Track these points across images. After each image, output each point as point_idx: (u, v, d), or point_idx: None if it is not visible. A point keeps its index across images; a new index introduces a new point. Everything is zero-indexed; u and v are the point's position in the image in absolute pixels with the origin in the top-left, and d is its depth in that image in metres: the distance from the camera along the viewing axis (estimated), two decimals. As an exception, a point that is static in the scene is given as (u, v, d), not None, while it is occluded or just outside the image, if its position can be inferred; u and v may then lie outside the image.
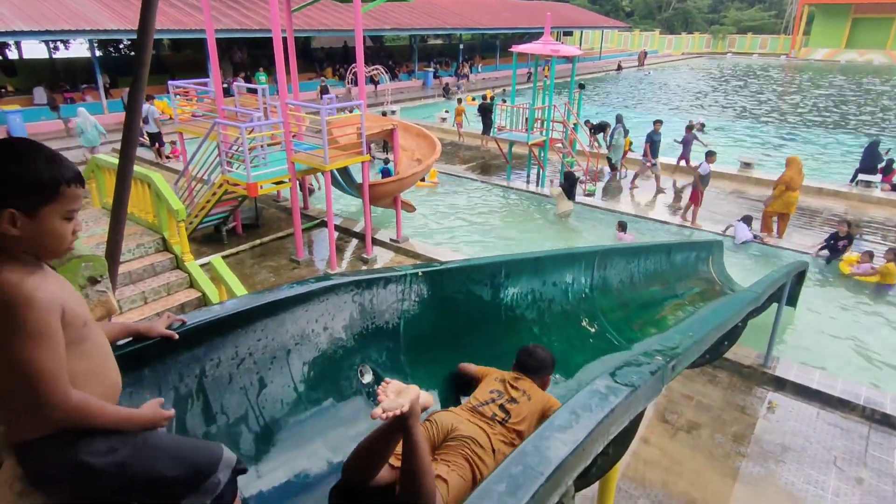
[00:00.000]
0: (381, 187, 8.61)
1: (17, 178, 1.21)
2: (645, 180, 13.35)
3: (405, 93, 26.83)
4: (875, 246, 9.44)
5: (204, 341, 1.78)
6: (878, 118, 22.75)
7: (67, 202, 1.28)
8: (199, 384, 1.77)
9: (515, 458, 1.15)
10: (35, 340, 1.17)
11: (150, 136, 13.97)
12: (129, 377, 1.54)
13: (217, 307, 1.90)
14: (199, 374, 1.77)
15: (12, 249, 1.23)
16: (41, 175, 1.24)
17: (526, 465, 1.12)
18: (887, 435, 5.07)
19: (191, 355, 1.75)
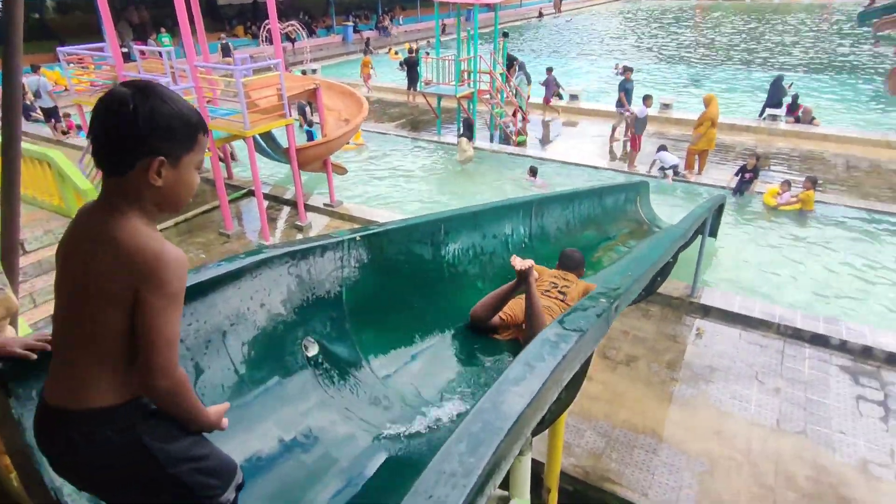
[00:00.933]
0: (309, 151, 8.26)
1: (170, 121, 1.14)
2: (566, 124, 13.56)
3: (324, 50, 25.61)
4: (783, 176, 10.14)
5: None
6: (781, 54, 24.06)
7: (201, 151, 1.24)
8: None
9: (474, 417, 1.14)
10: (178, 303, 1.17)
11: (43, 111, 12.64)
12: (39, 382, 1.39)
13: None
14: None
15: (146, 204, 1.16)
16: (191, 118, 1.18)
17: (485, 423, 1.12)
18: (798, 347, 5.59)
19: None
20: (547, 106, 14.19)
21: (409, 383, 2.22)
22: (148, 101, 1.12)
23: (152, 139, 1.13)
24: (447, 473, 0.97)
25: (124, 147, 1.12)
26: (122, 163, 1.13)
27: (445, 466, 0.99)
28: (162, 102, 1.13)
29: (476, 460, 1.01)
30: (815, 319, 5.80)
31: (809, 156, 11.47)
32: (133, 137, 1.11)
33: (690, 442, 4.50)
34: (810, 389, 5.00)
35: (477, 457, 1.01)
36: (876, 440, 4.44)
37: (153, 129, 1.12)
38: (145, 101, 1.12)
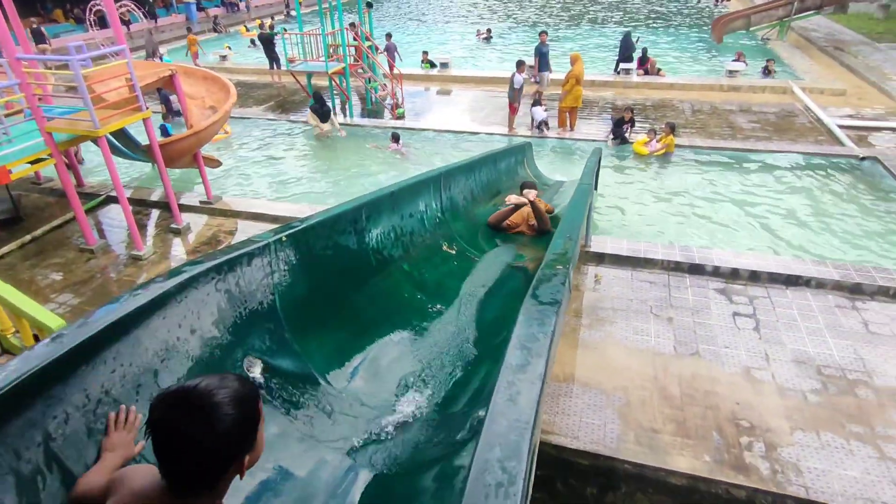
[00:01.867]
0: (176, 145, 7.45)
1: (254, 422, 1.14)
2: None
3: (167, 32, 23.10)
4: (642, 125, 11.08)
5: (36, 397, 1.34)
6: (623, 12, 26.02)
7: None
8: (47, 453, 1.34)
9: (495, 416, 1.09)
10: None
11: None
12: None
13: (42, 348, 1.43)
14: (42, 440, 1.34)
15: (224, 488, 1.14)
16: (252, 395, 1.14)
17: (510, 421, 1.07)
18: (681, 278, 6.22)
19: (23, 422, 1.31)
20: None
21: (365, 385, 2.11)
22: (233, 405, 1.05)
23: (249, 439, 1.10)
24: (493, 485, 0.91)
25: (224, 465, 1.08)
26: (216, 480, 1.09)
27: (489, 478, 0.94)
28: (230, 398, 1.05)
29: (517, 463, 0.96)
30: (690, 251, 6.48)
31: (660, 104, 12.63)
32: (233, 451, 1.07)
33: (606, 381, 4.86)
34: (696, 314, 5.60)
35: (517, 459, 0.97)
36: (753, 348, 5.11)
37: (250, 427, 1.10)
38: (230, 407, 1.04)
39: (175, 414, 1.01)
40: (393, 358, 2.34)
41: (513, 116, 11.10)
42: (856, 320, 5.38)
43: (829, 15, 20.32)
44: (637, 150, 9.85)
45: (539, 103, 10.85)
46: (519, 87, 10.71)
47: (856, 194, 8.36)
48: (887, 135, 10.20)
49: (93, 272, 6.91)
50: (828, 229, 7.49)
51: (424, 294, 2.84)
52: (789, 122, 11.22)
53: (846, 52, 15.70)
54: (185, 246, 7.52)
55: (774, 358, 4.95)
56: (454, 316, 2.77)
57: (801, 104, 12.04)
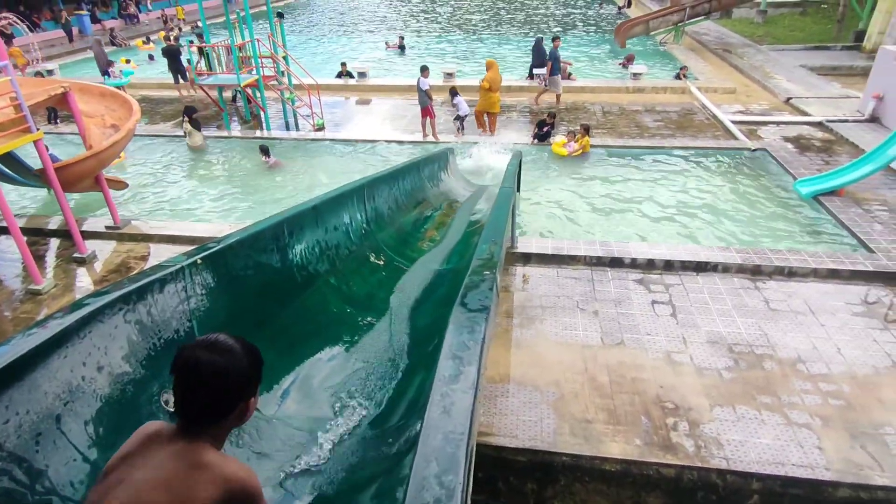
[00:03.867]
0: (74, 168, 6.88)
1: (259, 370, 1.37)
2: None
3: (58, 46, 21.41)
4: (558, 127, 11.55)
5: None
6: (532, 20, 27.03)
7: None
8: None
9: (429, 430, 1.07)
10: None
11: None
12: None
13: None
14: None
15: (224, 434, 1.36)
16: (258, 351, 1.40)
17: (445, 433, 1.06)
18: (603, 272, 6.52)
19: None
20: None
21: (297, 406, 2.03)
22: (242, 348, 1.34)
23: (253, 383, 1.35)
24: (432, 502, 0.90)
25: (240, 393, 1.33)
26: (226, 412, 1.32)
27: (427, 495, 0.92)
28: (256, 357, 1.36)
29: (454, 476, 0.95)
30: (609, 245, 6.81)
31: (574, 107, 13.22)
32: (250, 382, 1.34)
33: (539, 377, 4.99)
34: (619, 305, 5.88)
35: (454, 473, 0.96)
36: (671, 333, 5.43)
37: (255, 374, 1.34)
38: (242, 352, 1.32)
39: (202, 351, 1.29)
40: (325, 375, 2.27)
41: (432, 120, 11.20)
42: (758, 299, 5.86)
43: (716, 20, 22.20)
44: (556, 151, 10.23)
45: (458, 93, 11.18)
46: (426, 90, 10.82)
47: (750, 182, 9.13)
48: (772, 128, 11.24)
49: (-17, 312, 6.24)
50: (730, 216, 8.13)
51: (354, 307, 2.79)
52: (689, 119, 12.09)
53: (733, 54, 17.16)
54: (92, 276, 6.97)
55: (691, 341, 5.28)
56: (386, 327, 2.74)
57: (699, 102, 13.01)
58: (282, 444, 1.88)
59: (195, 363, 1.27)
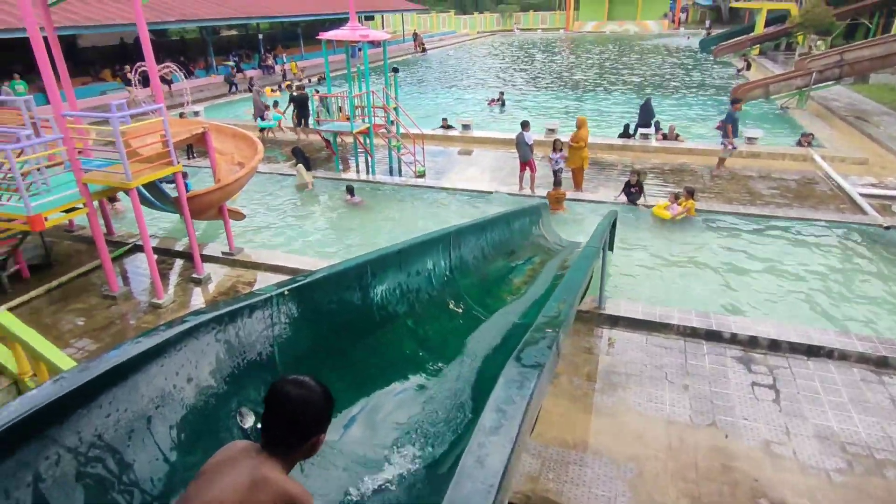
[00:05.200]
0: (203, 198, 7.75)
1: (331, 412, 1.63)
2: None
3: (205, 91, 24.53)
4: (661, 188, 11.19)
5: (31, 438, 1.39)
6: (643, 77, 26.81)
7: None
8: (35, 495, 1.37)
9: (460, 479, 1.08)
10: None
11: None
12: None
13: (44, 390, 1.48)
14: (32, 481, 1.37)
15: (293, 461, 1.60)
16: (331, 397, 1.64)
17: (474, 482, 1.07)
18: (697, 344, 6.09)
19: (15, 461, 1.34)
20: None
21: (358, 440, 2.10)
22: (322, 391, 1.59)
23: (325, 422, 1.60)
24: None
25: (312, 429, 1.58)
26: (301, 442, 1.57)
27: None
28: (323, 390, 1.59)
29: None
30: (707, 317, 6.36)
31: (680, 168, 12.77)
32: (321, 421, 1.59)
33: (618, 449, 4.69)
34: (713, 383, 5.43)
35: None
36: (772, 421, 4.90)
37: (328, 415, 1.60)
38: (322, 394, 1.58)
39: (291, 387, 1.56)
40: (389, 413, 2.33)
41: (532, 174, 11.32)
42: (883, 395, 5.16)
43: (849, 85, 20.63)
44: (658, 213, 9.88)
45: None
46: (531, 143, 10.97)
47: (880, 264, 8.19)
48: (911, 204, 10.10)
49: (113, 318, 7.07)
50: (851, 299, 7.30)
51: (427, 351, 2.85)
52: (810, 189, 11.19)
53: (868, 122, 15.80)
54: (205, 296, 7.68)
55: (796, 433, 4.73)
56: (456, 374, 2.76)
57: (822, 172, 12.04)
58: (337, 471, 1.94)
59: (283, 396, 1.55)
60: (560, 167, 10.93)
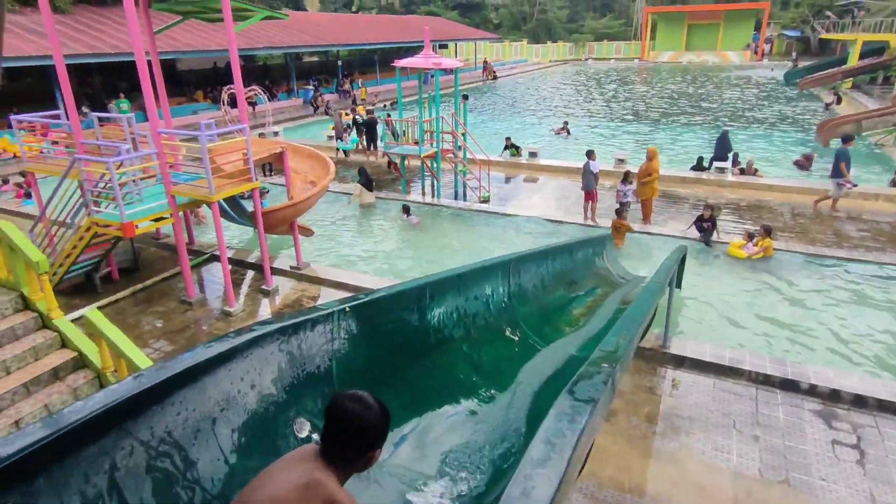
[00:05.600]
0: (276, 214, 8.17)
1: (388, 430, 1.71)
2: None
3: (285, 113, 25.96)
4: (735, 224, 10.66)
5: (112, 429, 1.51)
6: (721, 109, 25.87)
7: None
8: (110, 481, 1.48)
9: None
10: None
11: None
12: (16, 493, 1.25)
13: (125, 384, 1.62)
14: (109, 468, 1.49)
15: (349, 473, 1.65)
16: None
17: None
18: (770, 393, 5.69)
19: (97, 448, 1.47)
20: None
21: (406, 460, 2.12)
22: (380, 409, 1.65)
23: (381, 439, 1.65)
24: None
25: (368, 444, 1.63)
26: (357, 456, 1.63)
27: None
28: (380, 408, 1.66)
29: None
30: (783, 364, 5.94)
31: (757, 205, 12.13)
32: (377, 438, 1.64)
33: (677, 498, 4.43)
34: (788, 436, 5.05)
35: None
36: (855, 485, 4.48)
37: (384, 432, 1.65)
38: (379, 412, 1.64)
39: (350, 402, 1.62)
40: (439, 435, 2.33)
41: (594, 204, 11.14)
42: None
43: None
44: (732, 252, 9.40)
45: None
46: (596, 173, 10.81)
47: None
48: None
49: (188, 322, 7.52)
50: (954, 356, 6.60)
51: (480, 376, 2.83)
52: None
53: (976, 163, 14.43)
54: (272, 307, 8.02)
55: (883, 500, 4.29)
56: (507, 402, 2.73)
57: (921, 215, 11.07)
58: (383, 489, 1.96)
59: (342, 412, 1.62)
60: (628, 200, 10.67)
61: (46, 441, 1.33)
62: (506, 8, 62.04)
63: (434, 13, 56.10)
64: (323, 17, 36.70)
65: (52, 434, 1.35)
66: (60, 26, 19.30)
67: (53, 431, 1.35)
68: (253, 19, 8.69)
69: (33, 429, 1.36)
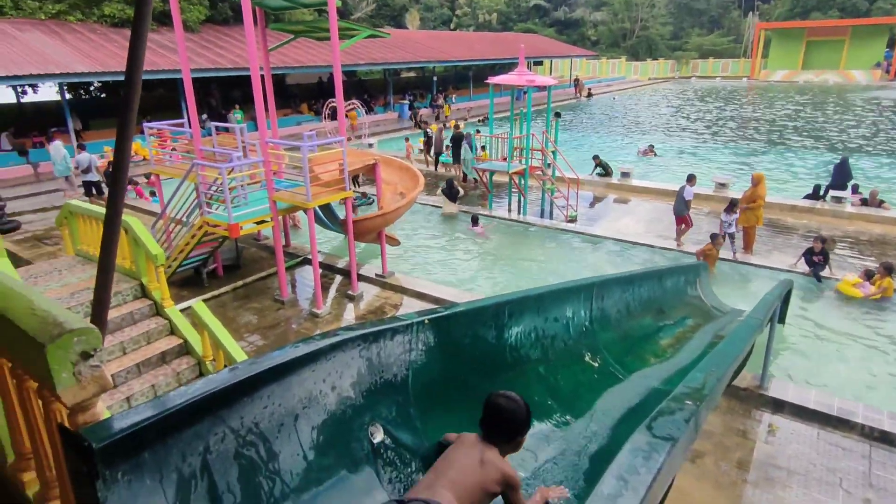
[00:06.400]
0: (366, 222, 8.51)
1: (530, 420, 2.14)
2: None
3: (381, 125, 27.04)
4: (851, 260, 9.66)
5: (207, 414, 1.65)
6: (843, 135, 23.63)
7: None
8: (203, 462, 1.62)
9: None
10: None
11: (86, 184, 13.57)
12: (127, 464, 1.40)
13: (222, 375, 1.76)
14: (202, 450, 1.63)
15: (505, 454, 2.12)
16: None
17: None
18: (888, 452, 5.05)
19: (193, 431, 1.61)
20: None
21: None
22: (525, 404, 2.11)
23: (526, 427, 2.11)
24: None
25: (518, 431, 2.09)
26: (511, 438, 2.09)
27: None
28: (525, 404, 2.11)
29: None
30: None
31: (881, 240, 10.91)
32: (523, 426, 2.09)
33: (769, 556, 4.05)
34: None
35: None
36: None
37: (528, 422, 2.11)
38: (525, 407, 2.10)
39: (503, 399, 2.08)
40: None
41: (685, 229, 10.56)
42: None
43: None
44: (844, 290, 8.51)
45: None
46: (689, 199, 10.29)
47: None
48: None
49: (279, 320, 7.99)
50: None
51: (556, 401, 2.77)
52: None
53: None
54: (356, 311, 8.34)
55: None
56: (583, 430, 2.63)
57: None
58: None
59: (497, 406, 2.08)
60: (732, 231, 9.99)
61: (154, 420, 1.48)
62: (605, 25, 60.80)
63: (531, 30, 56.22)
64: (421, 34, 37.99)
65: (159, 414, 1.50)
66: (189, 43, 21.49)
67: (160, 412, 1.50)
68: (357, 38, 9.18)
69: (144, 408, 1.52)
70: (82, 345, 1.51)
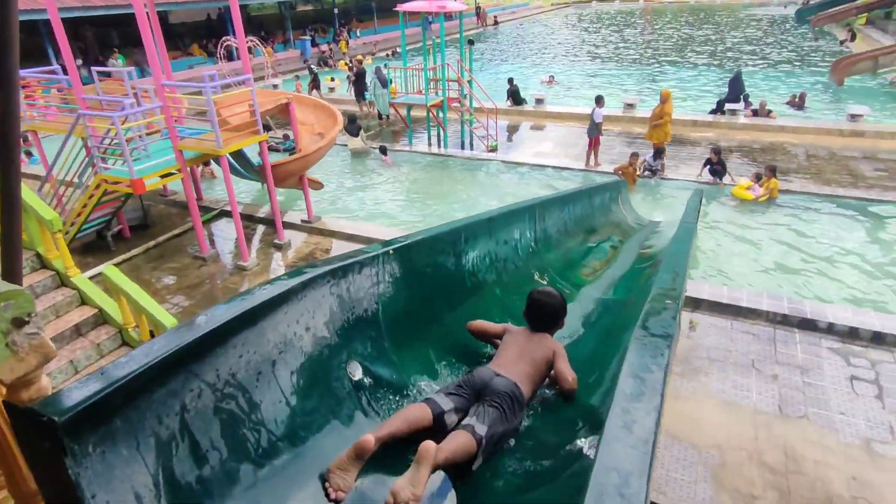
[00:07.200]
0: (285, 167, 8.04)
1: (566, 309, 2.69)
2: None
3: (283, 64, 25.23)
4: (747, 167, 10.51)
5: (180, 371, 1.50)
6: (728, 52, 25.04)
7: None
8: (181, 422, 1.49)
9: (611, 443, 1.07)
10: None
11: None
12: (96, 434, 1.25)
13: (187, 327, 1.60)
14: (179, 410, 1.49)
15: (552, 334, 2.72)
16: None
17: (626, 447, 1.05)
18: (788, 333, 5.73)
19: (166, 391, 1.46)
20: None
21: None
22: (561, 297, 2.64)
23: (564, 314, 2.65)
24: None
25: (560, 316, 2.63)
26: (552, 327, 2.60)
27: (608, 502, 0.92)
28: (561, 297, 2.66)
29: (637, 489, 0.93)
30: (801, 304, 5.96)
31: (770, 147, 11.91)
32: (563, 311, 2.63)
33: (699, 435, 4.53)
34: (806, 374, 5.11)
35: (638, 484, 0.94)
36: (875, 418, 4.57)
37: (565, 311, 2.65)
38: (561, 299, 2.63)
39: (542, 295, 2.60)
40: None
41: (597, 149, 10.94)
42: None
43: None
44: (738, 194, 9.30)
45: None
46: (600, 121, 10.60)
47: None
48: None
49: (203, 278, 7.54)
50: (970, 293, 6.62)
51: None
52: (923, 171, 10.15)
53: None
54: (285, 260, 8.02)
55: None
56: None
57: (939, 153, 10.87)
58: None
59: (540, 301, 2.58)
60: (655, 168, 10.38)
61: (119, 384, 1.32)
62: (505, -53, 59.12)
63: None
64: (315, -39, 35.11)
65: (125, 377, 1.34)
66: (45, -22, 18.53)
67: (125, 375, 1.34)
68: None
69: (107, 371, 1.35)
70: (12, 310, 1.29)
